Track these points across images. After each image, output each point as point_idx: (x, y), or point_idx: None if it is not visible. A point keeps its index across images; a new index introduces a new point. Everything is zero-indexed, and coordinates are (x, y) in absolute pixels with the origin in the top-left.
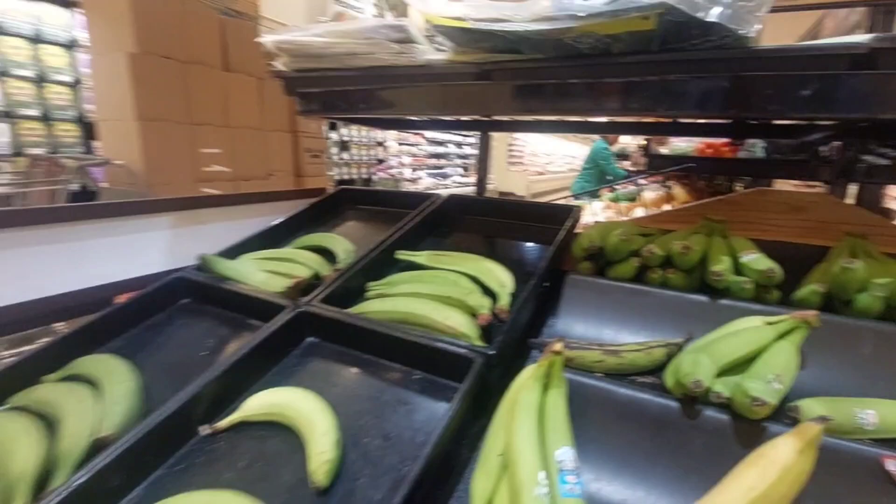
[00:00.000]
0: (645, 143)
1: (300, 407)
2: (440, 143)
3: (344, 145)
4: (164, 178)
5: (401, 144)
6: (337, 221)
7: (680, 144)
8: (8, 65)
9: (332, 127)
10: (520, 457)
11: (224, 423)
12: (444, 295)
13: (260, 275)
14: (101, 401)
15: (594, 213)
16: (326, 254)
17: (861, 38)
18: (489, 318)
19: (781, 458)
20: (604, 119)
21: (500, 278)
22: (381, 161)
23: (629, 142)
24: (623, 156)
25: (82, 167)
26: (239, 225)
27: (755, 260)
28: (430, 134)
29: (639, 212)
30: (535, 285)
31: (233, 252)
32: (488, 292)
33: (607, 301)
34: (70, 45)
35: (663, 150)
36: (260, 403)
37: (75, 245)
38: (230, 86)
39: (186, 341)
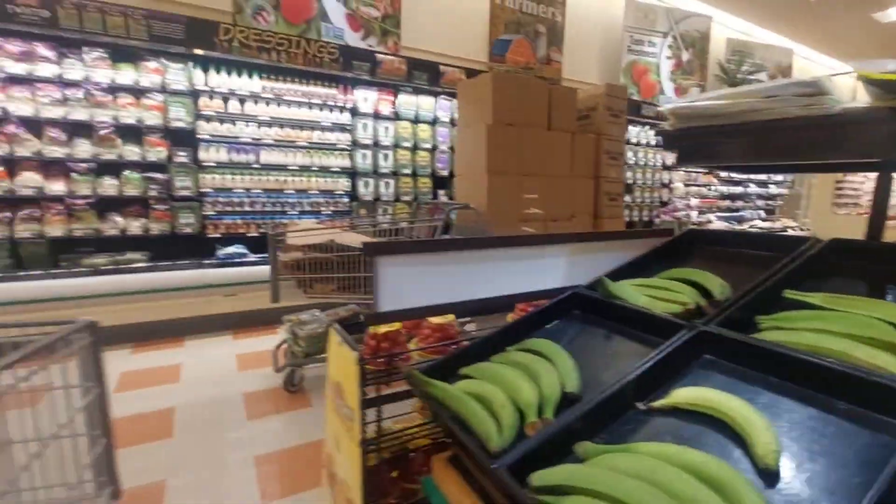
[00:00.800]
0: None
1: (733, 404)
2: (737, 184)
3: (627, 188)
4: (499, 219)
5: (687, 185)
6: (690, 259)
7: None
8: (399, 140)
9: None
10: None
11: (658, 403)
12: (861, 335)
13: (643, 298)
14: (556, 368)
15: None
16: (696, 286)
17: None
18: None
19: None
20: None
21: None
22: (664, 203)
23: None
24: None
25: (449, 209)
26: (604, 256)
27: None
28: (724, 174)
29: None
30: None
31: (612, 276)
32: None
33: None
34: (433, 122)
35: None
36: (689, 395)
37: (493, 264)
38: (550, 141)
39: (590, 341)
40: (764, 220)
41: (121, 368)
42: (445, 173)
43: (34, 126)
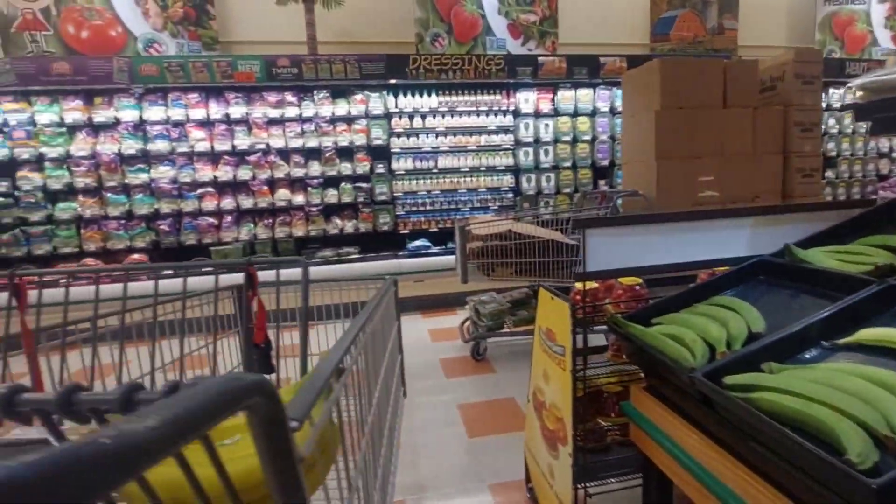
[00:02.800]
0: None
1: None
2: None
3: (829, 162)
4: (669, 204)
5: None
6: (894, 229)
7: None
8: (559, 134)
9: None
10: None
11: (843, 340)
12: None
13: (832, 262)
14: (742, 316)
15: None
16: (893, 252)
17: None
18: None
19: None
20: None
21: None
22: (883, 177)
23: None
24: None
25: (615, 197)
26: (791, 229)
27: None
28: None
29: None
30: None
31: (802, 245)
32: None
33: None
34: (592, 114)
35: None
36: (874, 333)
37: (678, 236)
38: (726, 120)
39: (774, 300)
40: None
41: None
42: (606, 163)
43: (284, 154)
